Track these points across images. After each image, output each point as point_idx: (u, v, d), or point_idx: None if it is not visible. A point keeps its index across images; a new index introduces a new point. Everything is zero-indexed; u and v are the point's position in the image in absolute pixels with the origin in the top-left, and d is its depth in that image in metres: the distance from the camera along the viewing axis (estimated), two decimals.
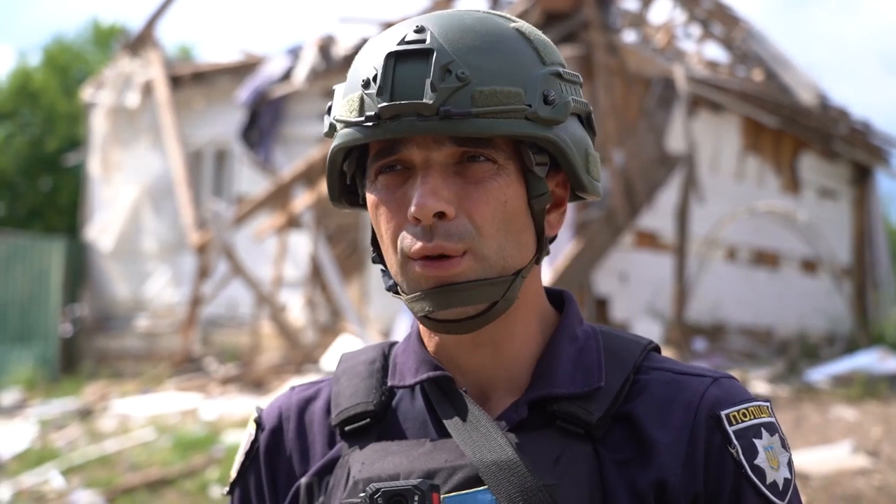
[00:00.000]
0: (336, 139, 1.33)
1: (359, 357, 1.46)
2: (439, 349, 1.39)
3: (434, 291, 1.28)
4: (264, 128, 13.36)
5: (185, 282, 13.83)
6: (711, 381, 1.35)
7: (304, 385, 1.51)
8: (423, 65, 1.26)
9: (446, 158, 1.29)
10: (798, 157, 15.37)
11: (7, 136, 27.14)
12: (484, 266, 1.29)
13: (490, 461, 1.27)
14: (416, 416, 1.38)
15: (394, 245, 1.32)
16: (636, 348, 1.39)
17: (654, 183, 11.70)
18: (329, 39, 13.46)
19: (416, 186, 1.28)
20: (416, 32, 1.28)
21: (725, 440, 1.31)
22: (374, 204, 1.33)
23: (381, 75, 1.27)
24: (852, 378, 9.51)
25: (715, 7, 15.63)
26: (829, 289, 14.22)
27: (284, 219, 12.32)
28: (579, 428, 1.31)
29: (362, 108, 1.29)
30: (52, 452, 9.14)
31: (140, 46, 15.23)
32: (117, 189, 15.16)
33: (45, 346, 14.99)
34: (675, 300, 11.43)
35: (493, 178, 1.29)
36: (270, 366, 11.58)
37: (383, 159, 1.31)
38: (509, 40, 1.31)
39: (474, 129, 1.25)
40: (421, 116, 1.25)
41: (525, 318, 1.37)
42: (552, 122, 1.29)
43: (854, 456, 7.07)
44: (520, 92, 1.27)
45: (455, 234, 1.28)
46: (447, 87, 1.25)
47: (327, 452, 1.41)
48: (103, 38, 29.97)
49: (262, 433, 1.47)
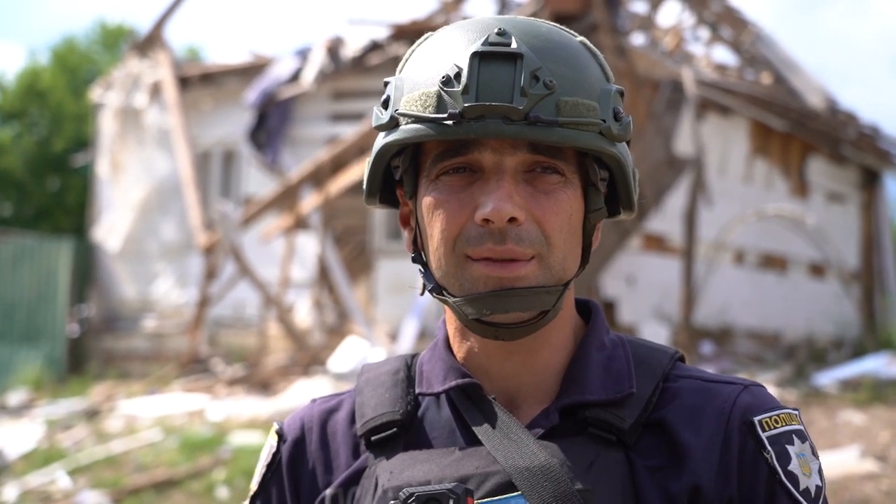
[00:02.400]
0: (398, 133, 1.29)
1: (381, 368, 1.45)
2: (469, 356, 1.38)
3: (494, 293, 1.28)
4: (272, 129, 13.36)
5: (193, 283, 13.84)
6: (742, 388, 1.35)
7: (325, 397, 1.49)
8: (509, 68, 1.25)
9: (518, 165, 1.29)
10: (806, 160, 15.35)
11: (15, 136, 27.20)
12: (546, 274, 1.29)
13: (523, 467, 1.27)
14: (443, 424, 1.37)
15: (448, 245, 1.30)
16: (664, 357, 1.40)
17: (662, 186, 11.69)
18: (337, 41, 13.46)
19: (489, 190, 1.27)
20: (499, 35, 1.27)
21: (759, 446, 1.31)
22: (433, 203, 1.31)
23: (466, 74, 1.25)
24: (860, 382, 9.49)
25: (723, 10, 15.62)
26: (837, 293, 14.20)
27: (292, 220, 12.32)
28: (611, 434, 1.31)
29: (440, 104, 1.26)
30: (59, 453, 9.15)
31: (148, 47, 15.25)
32: (125, 190, 15.17)
33: (52, 346, 15.00)
34: (683, 303, 11.41)
35: (562, 189, 1.30)
36: (277, 367, 11.58)
37: (450, 160, 1.29)
38: (581, 53, 1.32)
39: (558, 139, 1.25)
40: (507, 120, 1.24)
41: (560, 327, 1.38)
42: (620, 139, 1.31)
43: (862, 460, 7.06)
44: (596, 106, 1.28)
45: (526, 240, 1.28)
46: (536, 94, 1.24)
47: (352, 463, 1.39)
48: (111, 38, 30.02)
49: (285, 444, 1.45)
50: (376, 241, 12.85)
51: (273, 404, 9.77)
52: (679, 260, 12.01)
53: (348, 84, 13.31)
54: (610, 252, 11.20)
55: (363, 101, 13.03)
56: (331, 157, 11.86)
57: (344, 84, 13.34)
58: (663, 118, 12.01)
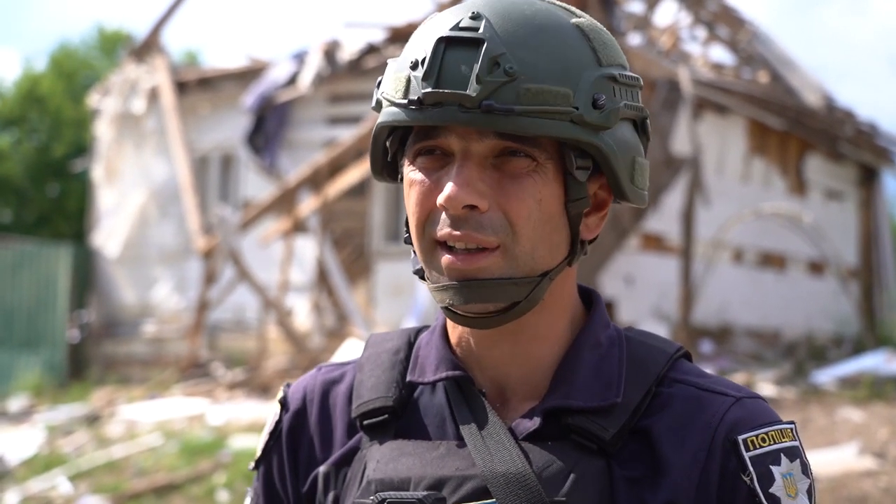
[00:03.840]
0: (381, 116, 1.31)
1: (385, 345, 1.45)
2: (461, 342, 1.38)
3: (457, 285, 1.27)
4: (270, 133, 13.38)
5: (192, 287, 13.85)
6: (734, 402, 1.31)
7: (330, 366, 1.49)
8: (472, 54, 1.23)
9: (485, 150, 1.26)
10: (804, 158, 15.36)
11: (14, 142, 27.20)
12: (512, 265, 1.27)
13: (500, 473, 1.26)
14: (436, 412, 1.38)
15: (420, 229, 1.30)
16: (662, 357, 1.36)
17: (660, 185, 11.70)
18: (334, 44, 13.47)
19: (451, 175, 1.26)
20: (472, 19, 1.25)
21: (740, 466, 1.27)
22: (408, 184, 1.31)
23: (429, 59, 1.24)
24: (859, 380, 9.50)
25: (720, 9, 15.63)
26: (836, 290, 14.20)
27: (290, 223, 12.33)
28: (593, 443, 1.29)
29: (408, 89, 1.27)
30: (60, 458, 9.16)
31: (146, 52, 15.26)
32: (123, 195, 15.18)
33: (52, 351, 15.02)
34: (682, 302, 11.42)
35: (530, 175, 1.27)
36: (277, 370, 11.59)
37: (422, 142, 1.29)
38: (566, 36, 1.27)
39: (515, 127, 1.22)
40: (463, 107, 1.22)
41: (552, 319, 1.35)
42: (599, 127, 1.26)
43: (861, 457, 7.07)
44: (568, 93, 1.24)
45: (488, 227, 1.26)
46: (493, 81, 1.22)
47: (346, 441, 1.41)
48: (108, 43, 30.03)
49: (286, 414, 1.47)
50: (375, 244, 12.85)
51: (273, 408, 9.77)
52: (677, 259, 12.02)
53: (345, 87, 13.32)
54: (608, 252, 11.21)
55: (360, 104, 13.04)
56: (328, 160, 11.87)
57: (341, 87, 13.36)
58: (660, 118, 12.02)
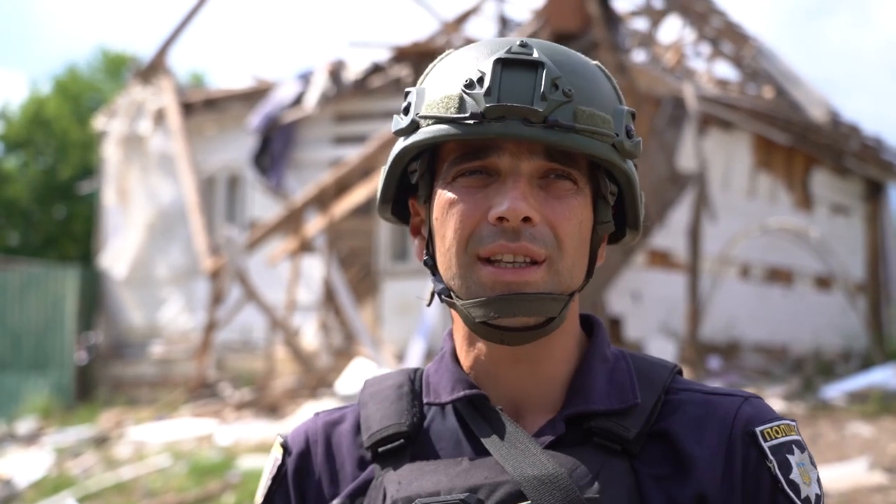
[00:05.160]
0: (420, 134, 1.33)
1: (385, 382, 1.47)
2: (477, 364, 1.40)
3: (503, 297, 1.30)
4: (276, 153, 13.40)
5: (199, 308, 13.86)
6: (743, 400, 1.39)
7: (328, 411, 1.51)
8: (530, 75, 1.30)
9: (534, 170, 1.32)
10: (810, 173, 15.36)
11: (21, 165, 27.29)
12: (555, 280, 1.33)
13: (532, 476, 1.29)
14: (449, 435, 1.39)
15: (461, 245, 1.33)
16: (664, 371, 1.43)
17: (666, 202, 11.70)
18: (339, 64, 13.51)
19: (505, 191, 1.31)
20: (522, 46, 1.33)
21: (762, 455, 1.34)
22: (448, 203, 1.34)
23: (489, 77, 1.30)
24: (868, 394, 9.47)
25: (724, 25, 15.66)
26: (844, 305, 14.18)
27: (297, 243, 12.35)
28: (616, 444, 1.34)
29: (462, 105, 1.31)
30: (69, 480, 9.15)
31: (152, 74, 15.31)
32: (131, 216, 15.21)
33: (60, 373, 15.03)
34: (689, 319, 11.41)
35: (574, 196, 1.34)
36: (285, 390, 11.59)
37: (469, 163, 1.33)
38: (597, 73, 1.38)
39: (574, 144, 1.30)
40: (527, 122, 1.28)
41: (564, 339, 1.40)
42: (630, 155, 1.36)
43: (871, 473, 7.04)
44: (610, 119, 1.33)
45: (539, 240, 1.31)
46: (555, 100, 1.29)
47: (358, 475, 1.41)
48: (112, 65, 30.15)
49: (290, 457, 1.47)
50: (381, 263, 12.86)
51: (281, 427, 9.77)
52: (684, 275, 12.01)
53: (351, 107, 13.35)
54: (615, 269, 11.21)
55: (366, 123, 13.07)
56: (335, 179, 11.89)
57: (346, 107, 13.39)
58: (665, 134, 12.03)
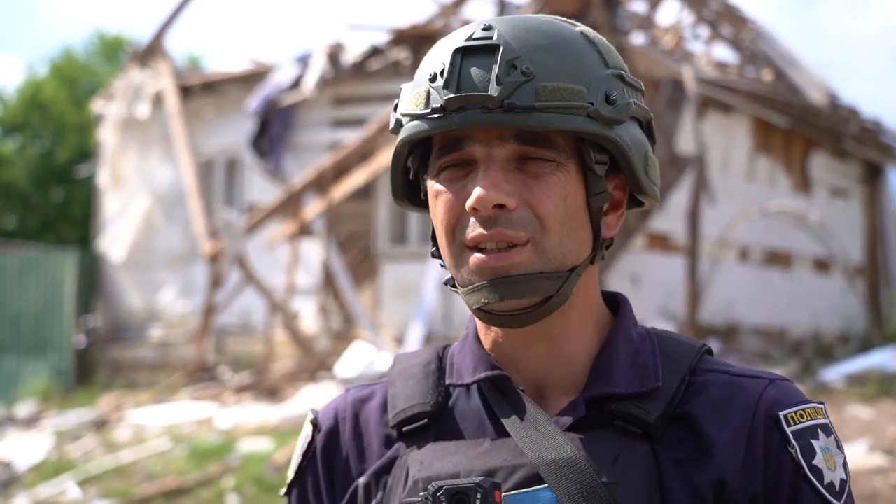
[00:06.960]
0: (402, 133, 1.36)
1: (413, 360, 1.49)
2: (496, 345, 1.41)
3: (490, 283, 1.31)
4: (274, 136, 13.38)
5: (198, 291, 13.85)
6: (768, 383, 1.37)
7: (358, 387, 1.53)
8: (489, 60, 1.29)
9: (508, 155, 1.32)
10: (809, 156, 15.35)
11: (18, 149, 27.24)
12: (542, 259, 1.31)
13: (549, 459, 1.29)
14: (473, 415, 1.40)
15: (449, 235, 1.34)
16: (690, 351, 1.41)
17: (665, 185, 11.69)
18: (338, 47, 13.48)
19: (477, 179, 1.31)
20: (484, 30, 1.32)
21: (784, 440, 1.33)
22: (435, 195, 1.36)
23: (447, 69, 1.30)
24: (867, 377, 9.48)
25: (723, 8, 15.63)
26: (843, 288, 14.19)
27: (296, 226, 12.34)
28: (637, 428, 1.33)
29: (428, 100, 1.32)
30: (68, 463, 9.17)
31: (149, 57, 15.27)
32: (129, 200, 15.19)
33: (59, 357, 15.03)
34: (688, 302, 11.41)
35: (554, 173, 1.32)
36: (284, 373, 11.60)
37: (447, 156, 1.34)
38: (574, 41, 1.35)
39: (536, 123, 1.28)
40: (485, 108, 1.28)
41: (580, 316, 1.39)
42: (613, 121, 1.32)
43: (870, 455, 7.06)
44: (582, 90, 1.30)
45: (518, 223, 1.30)
46: (512, 81, 1.28)
47: (384, 453, 1.43)
48: (109, 49, 30.07)
49: (319, 434, 1.49)
50: (380, 246, 12.86)
51: (281, 411, 9.79)
52: (683, 258, 12.01)
53: (349, 90, 13.33)
54: (614, 251, 11.20)
55: (364, 106, 13.05)
56: (333, 162, 11.88)
57: (345, 90, 13.36)
58: (664, 117, 12.02)
